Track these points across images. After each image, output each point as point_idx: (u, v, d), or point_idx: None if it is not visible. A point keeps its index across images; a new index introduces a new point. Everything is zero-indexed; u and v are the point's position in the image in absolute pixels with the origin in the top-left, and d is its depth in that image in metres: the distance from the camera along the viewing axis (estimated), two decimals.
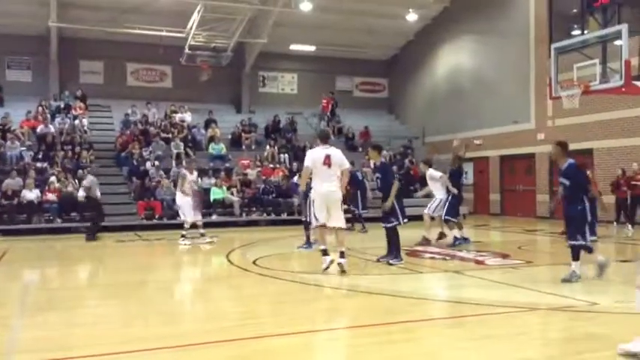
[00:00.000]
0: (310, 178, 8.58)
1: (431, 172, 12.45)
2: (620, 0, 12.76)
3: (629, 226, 14.96)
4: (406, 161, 23.40)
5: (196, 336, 5.25)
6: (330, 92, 26.62)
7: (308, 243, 11.60)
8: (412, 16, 24.65)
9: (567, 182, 7.64)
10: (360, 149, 24.46)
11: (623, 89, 12.43)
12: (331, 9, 23.66)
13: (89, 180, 15.17)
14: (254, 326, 5.66)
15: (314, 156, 8.45)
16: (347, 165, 8.67)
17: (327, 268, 8.43)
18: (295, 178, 15.50)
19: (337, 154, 8.53)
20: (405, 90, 28.22)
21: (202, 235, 13.38)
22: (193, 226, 13.43)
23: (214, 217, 17.67)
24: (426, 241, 11.98)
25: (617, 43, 12.36)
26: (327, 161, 8.32)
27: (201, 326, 5.83)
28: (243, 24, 22.77)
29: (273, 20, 22.95)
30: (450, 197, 11.99)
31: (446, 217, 12.00)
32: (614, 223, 15.59)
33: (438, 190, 12.24)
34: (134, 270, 10.13)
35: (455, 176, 12.35)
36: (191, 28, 22.29)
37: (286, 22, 24.02)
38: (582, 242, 7.60)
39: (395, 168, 22.14)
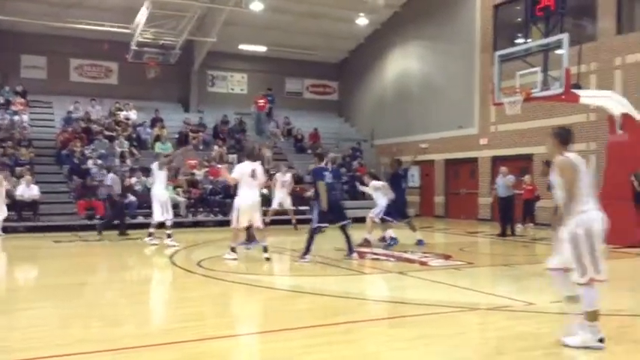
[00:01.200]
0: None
1: (374, 183, 13.07)
2: (562, 10, 13.22)
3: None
4: (355, 163, 23.61)
5: (136, 339, 5.14)
6: (267, 89, 26.02)
7: (249, 241, 11.60)
8: (363, 20, 24.89)
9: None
10: (309, 151, 24.53)
11: (563, 97, 12.90)
12: (282, 10, 23.63)
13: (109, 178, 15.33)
14: (196, 328, 5.58)
15: (242, 170, 9.96)
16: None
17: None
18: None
19: (260, 169, 10.03)
20: (354, 93, 28.46)
21: (169, 235, 13.00)
22: (160, 225, 13.12)
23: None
24: (366, 243, 12.21)
25: (558, 52, 12.82)
26: (253, 174, 9.85)
27: (142, 329, 5.71)
28: (192, 22, 22.47)
29: (223, 19, 22.74)
30: (390, 201, 12.39)
31: (382, 217, 12.30)
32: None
33: (380, 198, 12.68)
34: (73, 271, 9.82)
35: (394, 179, 12.75)
36: (138, 25, 21.83)
37: (236, 22, 23.85)
38: None
39: (343, 170, 22.41)
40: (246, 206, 9.83)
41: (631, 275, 9.66)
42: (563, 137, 5.09)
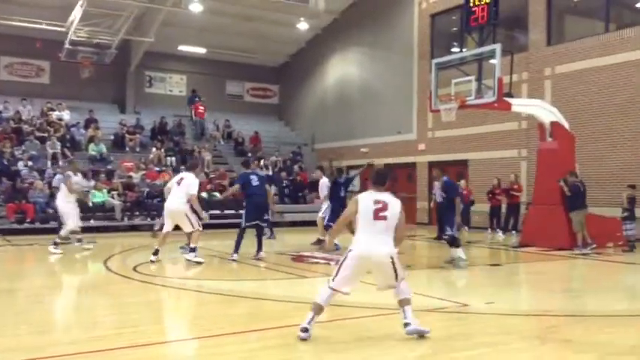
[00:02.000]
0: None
1: (323, 180, 13.32)
2: (495, 21, 13.70)
3: (501, 232, 16.09)
4: (295, 167, 23.65)
5: (69, 346, 4.98)
6: (192, 90, 25.64)
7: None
8: (303, 25, 24.99)
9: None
10: (250, 154, 24.39)
11: (496, 104, 13.36)
12: (222, 12, 23.42)
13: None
14: (132, 335, 5.44)
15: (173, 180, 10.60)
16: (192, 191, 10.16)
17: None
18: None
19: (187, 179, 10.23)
20: (295, 97, 28.52)
21: (79, 240, 12.62)
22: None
23: (93, 222, 16.84)
24: (319, 242, 12.42)
25: (492, 61, 13.28)
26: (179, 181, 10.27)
27: (75, 336, 5.52)
28: (129, 21, 21.95)
29: (161, 19, 22.32)
30: (332, 204, 12.53)
31: (327, 224, 12.37)
32: (488, 229, 16.71)
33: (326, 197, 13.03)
34: (2, 277, 9.39)
35: (334, 187, 12.84)
36: (72, 23, 21.13)
37: (175, 22, 23.47)
38: None
39: (284, 174, 22.44)
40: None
41: (560, 277, 10.09)
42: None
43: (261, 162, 22.70)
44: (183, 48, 26.12)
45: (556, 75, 16.93)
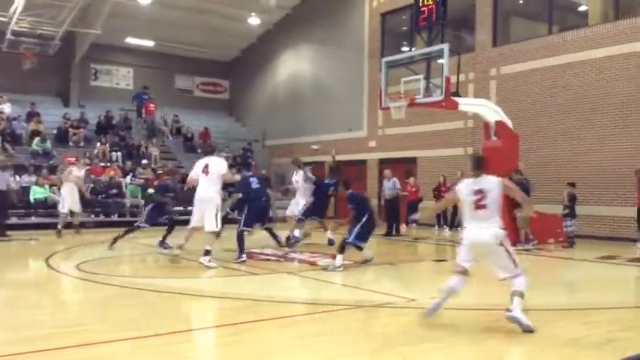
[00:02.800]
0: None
1: (300, 175, 13.13)
2: (443, 22, 13.94)
3: (447, 228, 16.42)
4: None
5: (8, 346, 4.78)
6: (143, 87, 25.18)
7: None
8: (254, 20, 24.82)
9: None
10: (199, 150, 24.06)
11: (444, 103, 13.60)
12: (171, 4, 23.02)
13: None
14: (75, 334, 5.29)
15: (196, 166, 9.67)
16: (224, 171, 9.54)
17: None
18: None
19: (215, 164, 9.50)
20: (246, 92, 28.30)
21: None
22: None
23: (34, 219, 16.31)
24: (289, 240, 12.31)
25: (440, 61, 13.51)
26: (206, 169, 9.37)
27: (13, 335, 5.30)
28: (74, 12, 21.26)
29: (108, 10, 21.74)
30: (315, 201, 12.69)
31: (300, 217, 12.49)
32: (435, 226, 17.03)
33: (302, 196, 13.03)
34: None
35: (321, 185, 12.97)
36: (14, 12, 20.33)
37: (122, 14, 22.91)
38: None
39: (234, 170, 22.17)
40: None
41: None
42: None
43: (216, 152, 22.39)
44: (131, 40, 25.55)
45: (501, 75, 17.38)
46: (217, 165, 9.48)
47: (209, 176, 9.33)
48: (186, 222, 9.99)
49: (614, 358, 4.53)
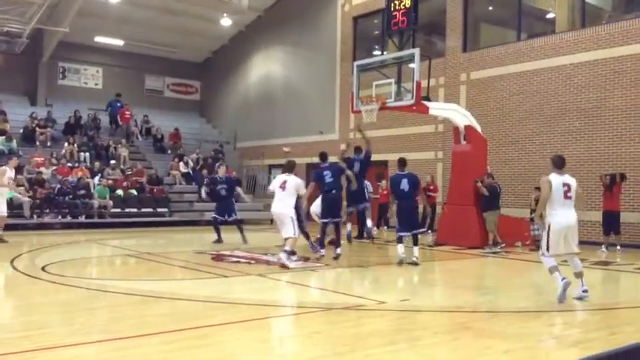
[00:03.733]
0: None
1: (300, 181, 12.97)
2: (414, 27, 14.07)
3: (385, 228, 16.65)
4: (217, 165, 23.27)
5: None
6: (117, 94, 24.73)
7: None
8: (226, 21, 24.69)
9: None
10: (170, 151, 23.85)
11: (414, 107, 13.74)
12: (142, 4, 22.78)
13: None
14: (39, 337, 5.17)
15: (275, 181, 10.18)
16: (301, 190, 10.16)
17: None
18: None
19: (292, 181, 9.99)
20: (217, 94, 28.13)
21: None
22: None
23: None
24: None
25: (411, 65, 13.63)
26: (283, 185, 9.89)
27: None
28: (42, 9, 20.86)
29: (77, 8, 21.40)
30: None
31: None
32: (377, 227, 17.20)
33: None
34: None
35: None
36: None
37: (92, 12, 22.58)
38: None
39: (205, 172, 22.06)
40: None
41: (472, 275, 10.50)
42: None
43: (183, 158, 22.23)
44: (100, 39, 25.19)
45: (471, 80, 17.62)
46: (294, 182, 10.00)
47: (285, 191, 9.86)
48: None
49: None
